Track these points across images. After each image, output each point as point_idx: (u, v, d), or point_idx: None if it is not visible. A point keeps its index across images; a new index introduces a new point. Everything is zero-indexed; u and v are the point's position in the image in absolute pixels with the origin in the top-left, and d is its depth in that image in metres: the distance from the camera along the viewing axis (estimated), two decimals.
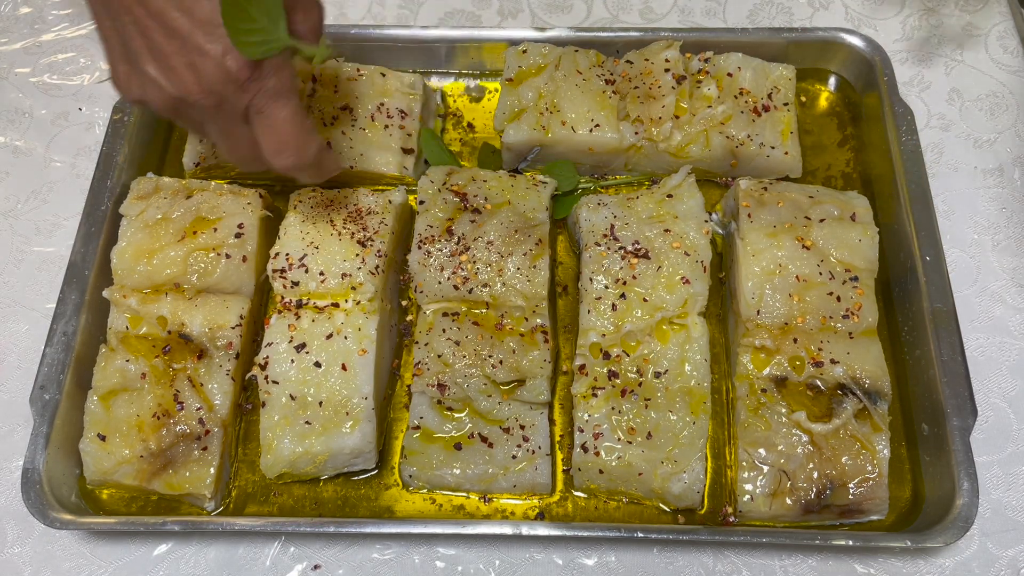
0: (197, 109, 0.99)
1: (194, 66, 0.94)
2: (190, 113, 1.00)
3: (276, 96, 0.99)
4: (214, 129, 1.03)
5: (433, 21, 1.53)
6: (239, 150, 1.04)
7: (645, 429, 1.09)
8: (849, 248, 1.17)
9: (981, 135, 1.41)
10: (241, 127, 1.01)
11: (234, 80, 0.95)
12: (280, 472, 1.11)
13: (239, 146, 1.04)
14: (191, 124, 1.05)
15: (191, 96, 0.96)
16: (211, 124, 1.02)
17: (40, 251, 1.34)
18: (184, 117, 1.02)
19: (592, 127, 1.28)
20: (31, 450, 1.10)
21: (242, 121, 1.00)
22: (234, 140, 1.03)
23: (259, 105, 0.99)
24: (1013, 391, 1.22)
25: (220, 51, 0.93)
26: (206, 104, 0.97)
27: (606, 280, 1.17)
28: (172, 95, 0.97)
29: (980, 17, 1.51)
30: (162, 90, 0.97)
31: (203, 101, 0.97)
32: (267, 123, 1.00)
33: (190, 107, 0.99)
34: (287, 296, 1.16)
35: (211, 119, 1.00)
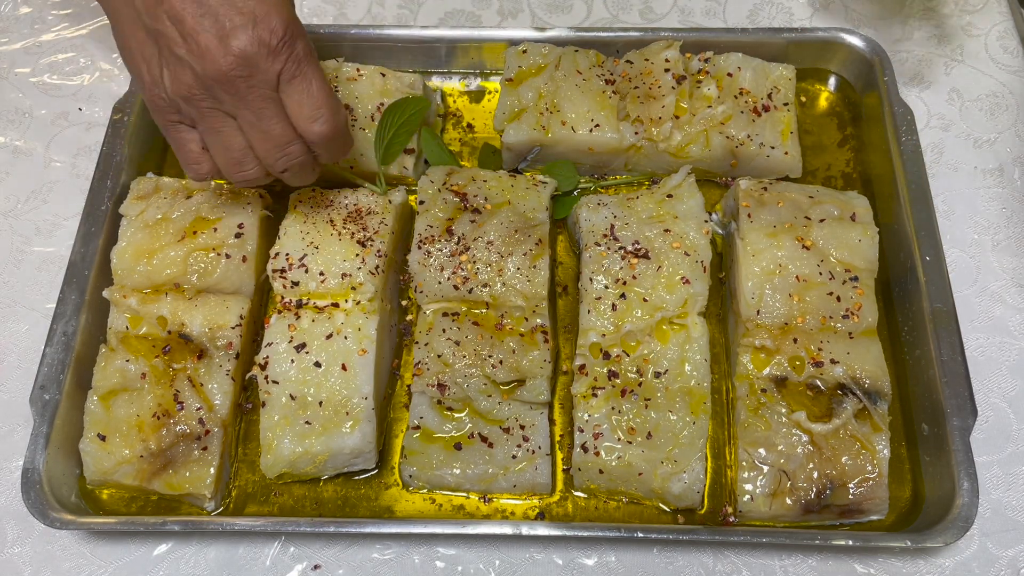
0: (230, 87, 0.98)
1: (226, 38, 0.95)
2: (222, 97, 0.99)
3: (307, 60, 1.00)
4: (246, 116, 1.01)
5: (433, 21, 1.53)
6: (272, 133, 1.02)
7: (645, 429, 1.09)
8: (849, 248, 1.17)
9: (981, 135, 1.41)
10: (273, 104, 1.00)
11: (266, 45, 0.96)
12: (280, 472, 1.11)
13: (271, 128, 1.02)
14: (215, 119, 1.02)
15: (224, 69, 0.96)
16: (243, 109, 1.00)
17: (40, 251, 1.34)
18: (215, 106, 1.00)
19: (592, 127, 1.28)
20: (31, 450, 1.10)
21: (273, 95, 1.00)
22: (266, 122, 1.01)
23: (292, 71, 0.99)
24: (1013, 391, 1.22)
25: (250, 20, 0.95)
26: (239, 76, 0.96)
27: (606, 280, 1.17)
28: (206, 73, 0.96)
29: (980, 17, 1.51)
30: (195, 73, 0.97)
31: (236, 72, 0.96)
32: (302, 87, 1.00)
33: (224, 87, 0.97)
34: (287, 296, 1.16)
35: (243, 99, 0.99)
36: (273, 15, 0.97)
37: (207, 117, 1.01)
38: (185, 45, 0.96)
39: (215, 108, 1.01)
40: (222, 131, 1.02)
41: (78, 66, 1.50)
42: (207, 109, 1.01)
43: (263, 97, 1.00)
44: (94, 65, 1.50)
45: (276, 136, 1.03)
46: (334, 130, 1.04)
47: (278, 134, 1.03)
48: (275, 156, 1.04)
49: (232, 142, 1.03)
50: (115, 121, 1.32)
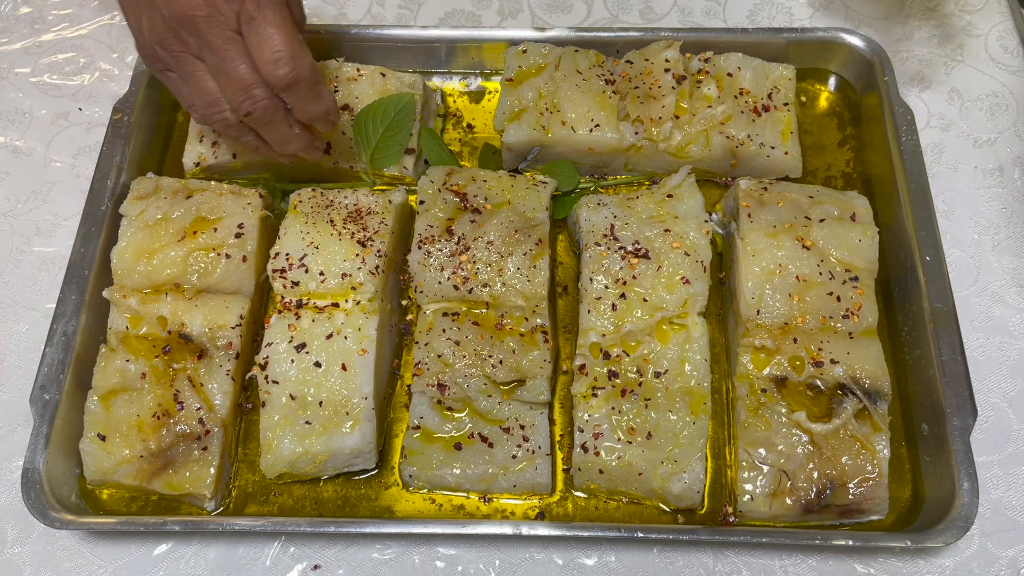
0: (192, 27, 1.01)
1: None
2: (188, 39, 1.02)
3: (267, 2, 1.01)
4: (211, 58, 1.03)
5: (433, 21, 1.53)
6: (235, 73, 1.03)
7: (645, 429, 1.09)
8: (849, 248, 1.17)
9: (981, 135, 1.41)
10: (234, 45, 1.02)
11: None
12: (280, 472, 1.11)
13: (234, 69, 1.03)
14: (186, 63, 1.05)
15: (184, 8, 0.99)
16: (207, 52, 1.02)
17: (40, 251, 1.34)
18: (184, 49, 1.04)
19: (592, 127, 1.28)
20: (31, 450, 1.10)
21: (234, 36, 1.01)
22: (228, 63, 1.02)
23: (251, 11, 1.00)
24: (1013, 391, 1.22)
25: None
26: (199, 16, 0.99)
27: (606, 280, 1.17)
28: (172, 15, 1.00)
29: (980, 17, 1.51)
30: (163, 16, 1.01)
31: (195, 12, 0.99)
32: (261, 30, 1.01)
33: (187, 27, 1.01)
34: (287, 296, 1.16)
35: (206, 40, 1.01)
36: None
37: (180, 61, 1.05)
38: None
39: (185, 52, 1.04)
40: (194, 74, 1.06)
41: (78, 66, 1.50)
42: (179, 53, 1.04)
43: (225, 38, 1.01)
44: (94, 65, 1.50)
45: (239, 77, 1.03)
46: (295, 74, 1.03)
47: (241, 75, 1.03)
48: (239, 98, 1.05)
49: (204, 85, 1.06)
50: (115, 121, 1.31)
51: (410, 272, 1.19)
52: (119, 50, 1.51)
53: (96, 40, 1.52)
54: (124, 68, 1.49)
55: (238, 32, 1.02)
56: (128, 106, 1.33)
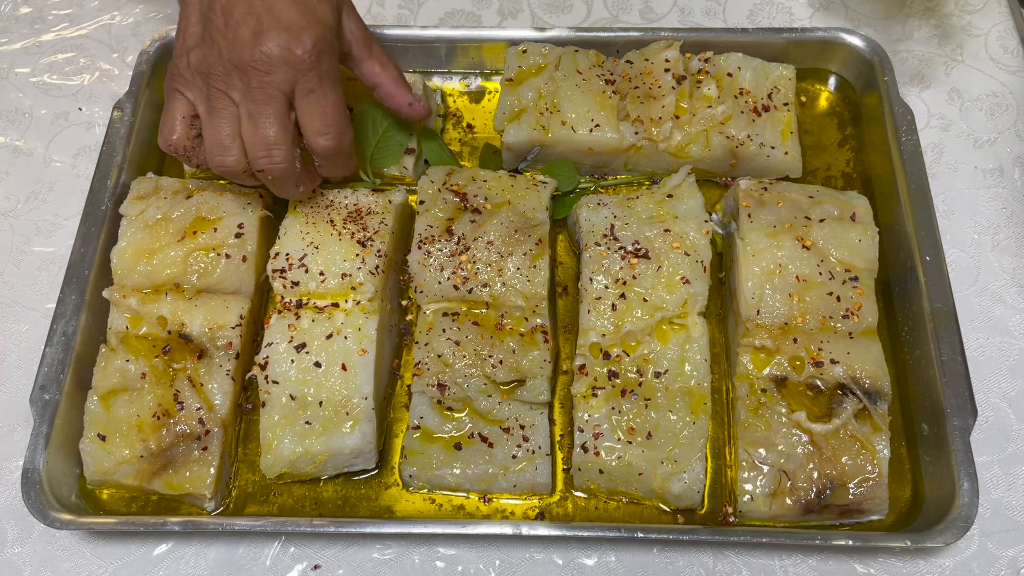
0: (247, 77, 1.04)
1: (259, 35, 1.04)
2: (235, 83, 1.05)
3: (328, 78, 1.08)
4: (248, 107, 1.06)
5: (433, 21, 1.53)
6: (263, 131, 1.07)
7: (645, 429, 1.09)
8: (849, 248, 1.17)
9: (981, 135, 1.41)
10: (277, 107, 1.06)
11: (291, 54, 1.04)
12: (280, 472, 1.11)
13: (266, 127, 1.07)
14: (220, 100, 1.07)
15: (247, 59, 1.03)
16: (248, 100, 1.06)
17: (40, 251, 1.34)
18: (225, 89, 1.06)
19: (592, 127, 1.28)
20: (31, 450, 1.10)
21: (280, 99, 1.06)
22: (263, 119, 1.06)
23: (311, 86, 1.07)
24: (1013, 391, 1.22)
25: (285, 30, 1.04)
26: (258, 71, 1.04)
27: (606, 280, 1.17)
28: (231, 58, 1.04)
29: (980, 17, 1.51)
30: (219, 54, 1.05)
31: (257, 66, 1.04)
32: (317, 102, 1.08)
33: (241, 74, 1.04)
34: (287, 296, 1.16)
35: (252, 92, 1.05)
36: (306, 31, 1.05)
37: (215, 96, 1.07)
38: (224, 33, 1.05)
39: (225, 91, 1.06)
40: (221, 112, 1.08)
41: (78, 66, 1.50)
42: (217, 89, 1.06)
43: (271, 97, 1.06)
44: (94, 65, 1.50)
45: (267, 136, 1.07)
46: (337, 148, 1.12)
47: (270, 135, 1.07)
48: (259, 152, 1.08)
49: (225, 126, 1.08)
50: (115, 121, 1.31)
51: (410, 272, 1.19)
52: (119, 50, 1.51)
53: (96, 40, 1.52)
54: (124, 68, 1.49)
55: (288, 96, 1.07)
56: (128, 106, 1.33)
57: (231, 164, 1.10)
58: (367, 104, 1.29)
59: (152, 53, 1.38)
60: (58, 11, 1.55)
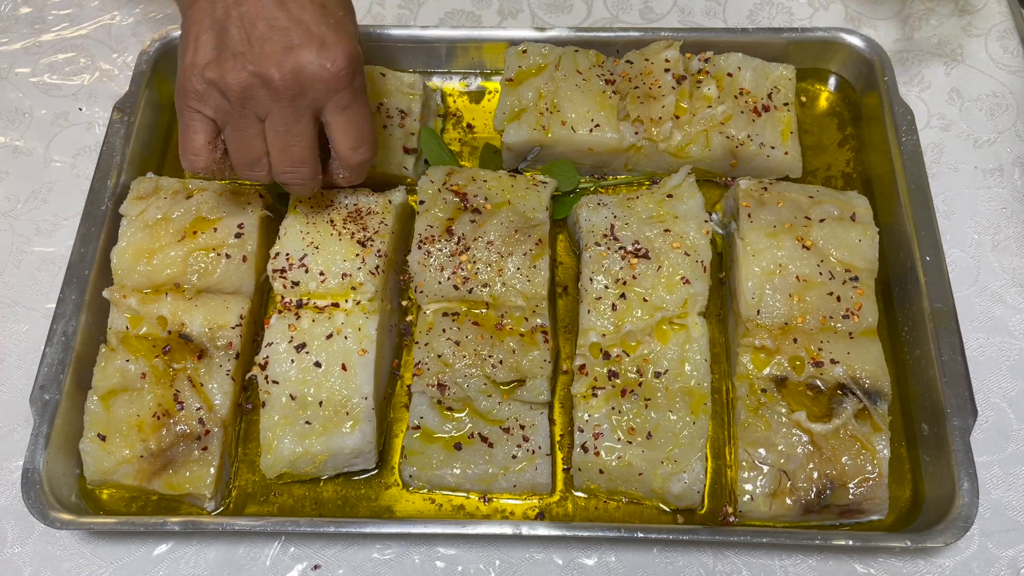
0: (275, 95, 1.00)
1: (289, 51, 0.98)
2: (263, 101, 1.01)
3: (360, 94, 1.05)
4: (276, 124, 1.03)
5: (433, 21, 1.53)
6: (292, 149, 1.05)
7: (645, 429, 1.09)
8: (849, 248, 1.17)
9: (981, 135, 1.41)
10: (305, 125, 1.04)
11: (323, 71, 0.99)
12: (280, 472, 1.11)
13: (294, 145, 1.05)
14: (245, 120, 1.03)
15: (277, 78, 0.98)
16: (276, 118, 1.03)
17: (40, 251, 1.34)
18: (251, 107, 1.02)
19: (592, 127, 1.28)
20: (31, 450, 1.10)
21: (308, 116, 1.03)
22: (292, 137, 1.04)
23: (346, 103, 1.04)
24: (1013, 391, 1.22)
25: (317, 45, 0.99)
26: (287, 89, 0.99)
27: (606, 280, 1.17)
28: (253, 72, 0.98)
29: (980, 17, 1.51)
30: (244, 69, 0.99)
31: (286, 85, 0.99)
32: (351, 119, 1.05)
33: (270, 92, 1.00)
34: (287, 296, 1.16)
35: (281, 110, 1.02)
36: (339, 47, 1.00)
37: (240, 116, 1.03)
38: (248, 47, 0.99)
39: (250, 110, 1.02)
40: (247, 132, 1.04)
41: (78, 66, 1.50)
42: (242, 109, 1.02)
43: (299, 115, 1.03)
44: (94, 65, 1.50)
45: (295, 153, 1.06)
46: (369, 161, 1.11)
47: (297, 152, 1.06)
48: (286, 168, 1.08)
49: (253, 145, 1.05)
50: (115, 121, 1.31)
51: (410, 272, 1.19)
52: (119, 50, 1.51)
53: (96, 40, 1.52)
54: (124, 68, 1.49)
55: (317, 113, 1.04)
56: (128, 106, 1.33)
57: (260, 177, 1.09)
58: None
59: (152, 53, 1.38)
60: (58, 11, 1.55)
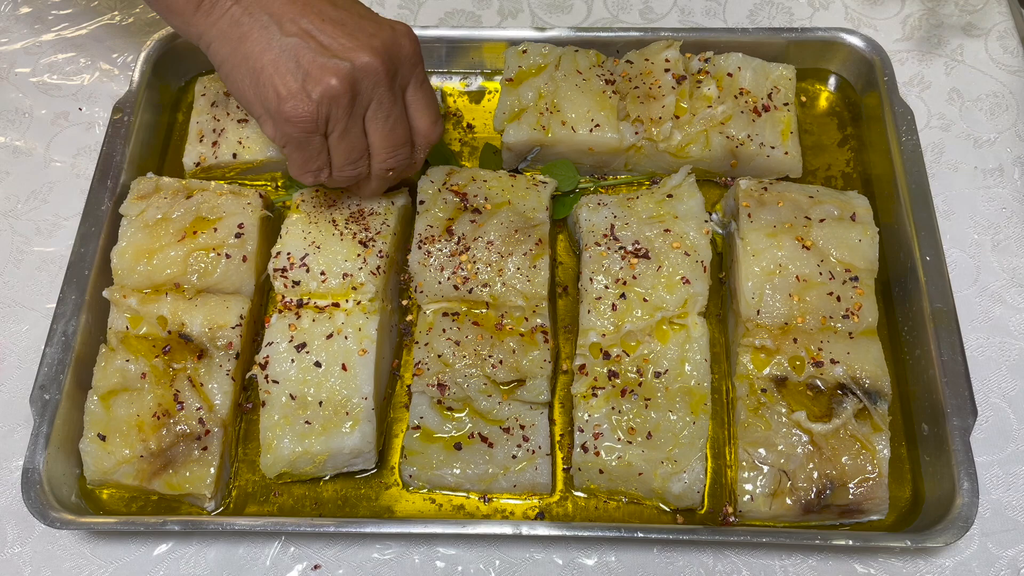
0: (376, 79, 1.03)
1: (372, 36, 1.03)
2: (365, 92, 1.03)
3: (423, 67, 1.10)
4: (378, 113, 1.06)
5: (433, 21, 1.53)
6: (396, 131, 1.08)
7: (645, 429, 1.09)
8: (849, 248, 1.17)
9: (981, 135, 1.41)
10: (401, 106, 1.08)
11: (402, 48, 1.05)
12: (280, 472, 1.11)
13: (397, 127, 1.08)
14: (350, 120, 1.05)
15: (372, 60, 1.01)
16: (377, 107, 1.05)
17: (40, 251, 1.34)
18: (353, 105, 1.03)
19: (592, 127, 1.28)
20: (31, 450, 1.10)
21: (401, 98, 1.08)
22: (394, 120, 1.07)
23: (422, 76, 1.09)
24: (1013, 391, 1.22)
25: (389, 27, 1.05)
26: (385, 70, 1.02)
27: (606, 280, 1.17)
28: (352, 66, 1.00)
29: (980, 17, 1.51)
30: (340, 67, 1.00)
31: (381, 65, 1.02)
32: (429, 92, 1.11)
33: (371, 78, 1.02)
34: (288, 296, 1.16)
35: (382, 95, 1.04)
36: (401, 26, 1.06)
37: (345, 118, 1.04)
38: (332, 49, 1.01)
39: (358, 107, 1.04)
40: (352, 131, 1.06)
41: (78, 66, 1.50)
42: (351, 109, 1.03)
43: (396, 96, 1.06)
44: (94, 65, 1.50)
45: (398, 136, 1.09)
46: (442, 131, 1.14)
47: (400, 134, 1.09)
48: (388, 154, 1.10)
49: (358, 142, 1.07)
50: (115, 121, 1.31)
51: (410, 272, 1.19)
52: (119, 50, 1.51)
53: (96, 40, 1.52)
54: (124, 68, 1.49)
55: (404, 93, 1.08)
56: (128, 106, 1.33)
57: (361, 172, 1.11)
58: None
59: (152, 53, 1.38)
60: (58, 11, 1.55)
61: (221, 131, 1.31)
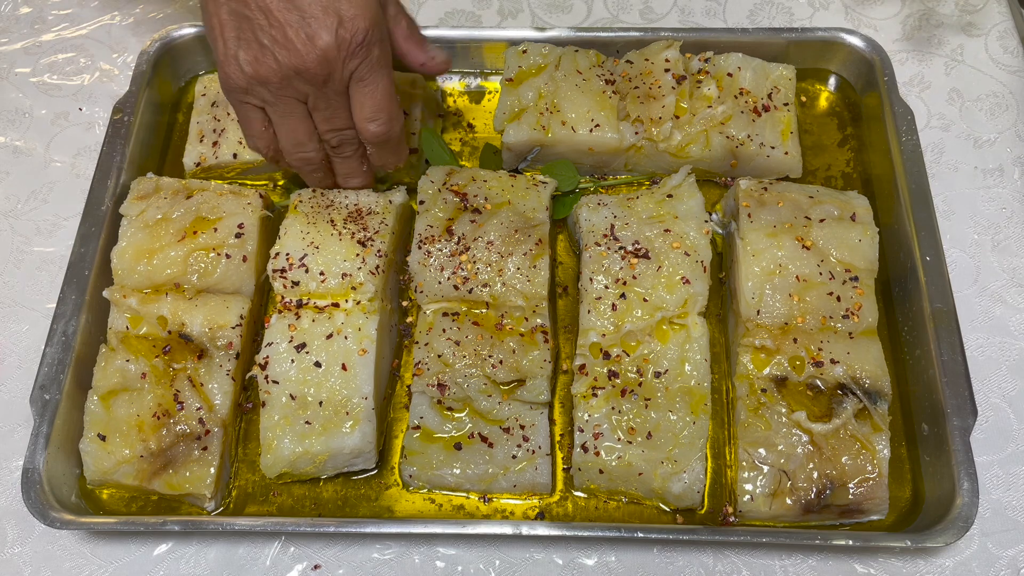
0: (310, 80, 1.04)
1: (312, 35, 1.00)
2: (299, 87, 1.05)
3: (379, 66, 1.07)
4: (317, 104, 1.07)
5: (433, 21, 1.53)
6: (333, 122, 1.10)
7: (645, 429, 1.09)
8: (849, 248, 1.17)
9: (981, 135, 1.41)
10: (343, 99, 1.08)
11: (346, 46, 1.02)
12: (280, 472, 1.11)
13: (334, 118, 1.09)
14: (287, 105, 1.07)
15: (307, 65, 1.02)
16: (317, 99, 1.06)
17: (40, 251, 1.34)
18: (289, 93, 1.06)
19: (592, 127, 1.28)
20: (31, 450, 1.10)
21: (344, 91, 1.07)
22: (333, 110, 1.08)
23: (362, 73, 1.06)
24: (1013, 391, 1.22)
25: (336, 20, 1.01)
26: (319, 74, 1.03)
27: (606, 280, 1.17)
28: (289, 65, 1.02)
29: (980, 17, 1.51)
30: (278, 62, 1.02)
31: (317, 69, 1.02)
32: (368, 90, 1.07)
33: (303, 79, 1.03)
34: (287, 296, 1.16)
35: (319, 92, 1.06)
36: (359, 18, 1.02)
37: (280, 102, 1.07)
38: (270, 34, 1.01)
39: (288, 95, 1.06)
40: (291, 115, 1.08)
41: (78, 66, 1.50)
42: (281, 96, 1.06)
43: (337, 92, 1.06)
44: (94, 65, 1.50)
45: (339, 125, 1.10)
46: (387, 134, 1.12)
47: (341, 123, 1.10)
48: (331, 136, 1.12)
49: (299, 126, 1.09)
50: (115, 121, 1.31)
51: (410, 272, 1.19)
52: (119, 50, 1.51)
53: (96, 40, 1.52)
54: (124, 68, 1.49)
55: (346, 88, 1.07)
56: (128, 106, 1.33)
57: (311, 155, 1.14)
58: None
59: (152, 53, 1.38)
60: (58, 11, 1.55)
61: (221, 131, 1.31)
